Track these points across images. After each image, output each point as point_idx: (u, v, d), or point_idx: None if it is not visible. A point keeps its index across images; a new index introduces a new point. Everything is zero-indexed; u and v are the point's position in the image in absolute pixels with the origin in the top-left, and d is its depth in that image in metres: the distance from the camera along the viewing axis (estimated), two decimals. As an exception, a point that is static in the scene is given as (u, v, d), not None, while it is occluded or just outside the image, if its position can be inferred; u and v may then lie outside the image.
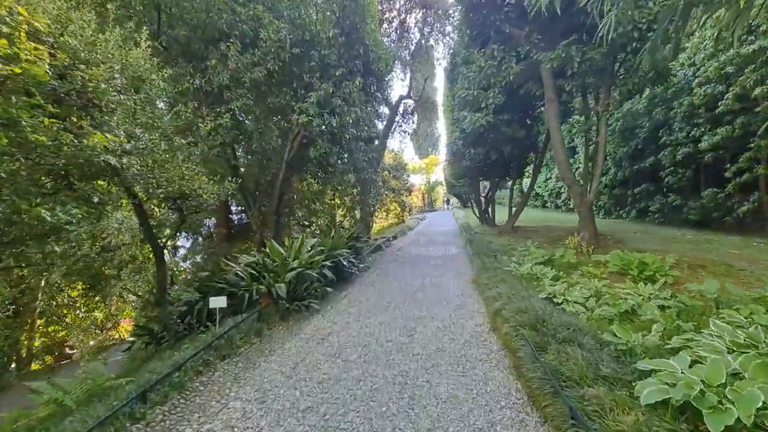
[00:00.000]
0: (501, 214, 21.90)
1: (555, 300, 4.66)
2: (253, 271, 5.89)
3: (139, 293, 10.90)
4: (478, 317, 5.41)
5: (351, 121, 9.05)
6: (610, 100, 8.56)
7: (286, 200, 17.37)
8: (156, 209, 10.73)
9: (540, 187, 32.93)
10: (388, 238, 15.40)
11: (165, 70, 8.40)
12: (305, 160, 10.61)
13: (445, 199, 64.43)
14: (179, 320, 5.77)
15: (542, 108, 13.46)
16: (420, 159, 55.53)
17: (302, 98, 8.35)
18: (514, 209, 16.82)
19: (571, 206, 26.84)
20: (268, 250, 6.49)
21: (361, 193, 14.45)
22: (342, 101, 8.47)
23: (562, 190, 27.63)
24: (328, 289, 6.77)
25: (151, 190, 4.61)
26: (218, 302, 4.92)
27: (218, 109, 7.84)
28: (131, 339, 6.11)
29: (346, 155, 10.42)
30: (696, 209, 13.17)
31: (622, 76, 8.37)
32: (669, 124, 14.55)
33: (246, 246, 18.06)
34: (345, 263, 7.71)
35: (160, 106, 6.24)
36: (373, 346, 4.56)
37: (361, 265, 9.43)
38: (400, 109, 19.16)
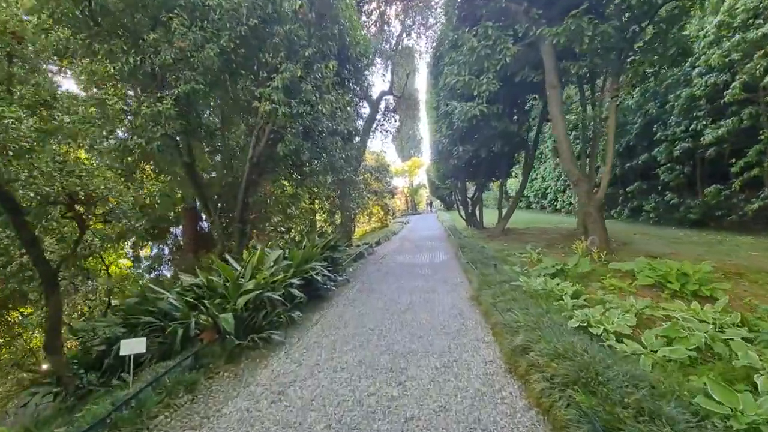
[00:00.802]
0: (488, 217, 20.98)
1: (592, 330, 3.52)
2: (190, 298, 4.51)
3: (69, 320, 9.22)
4: (486, 350, 4.20)
5: (325, 112, 7.77)
6: (620, 83, 7.59)
7: (254, 205, 15.90)
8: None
9: (526, 188, 32.38)
10: (370, 244, 14.14)
11: (95, 47, 7.02)
12: (275, 159, 9.26)
13: (429, 201, 63.80)
14: (94, 364, 4.33)
15: (534, 101, 12.54)
16: (402, 161, 54.70)
17: (266, 83, 7.03)
18: (504, 211, 15.87)
19: (558, 207, 26.28)
20: (217, 268, 5.12)
21: (340, 195, 13.15)
22: (313, 87, 7.18)
23: (549, 190, 27.03)
24: (297, 313, 5.44)
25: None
26: (132, 347, 3.53)
27: (159, 95, 6.43)
28: (35, 390, 4.61)
29: (321, 153, 9.11)
30: (695, 208, 12.46)
31: (632, 58, 7.40)
32: (663, 119, 13.90)
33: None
34: (319, 278, 6.40)
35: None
36: (350, 405, 3.27)
37: (340, 278, 8.13)
38: (382, 106, 18.00)
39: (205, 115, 9.47)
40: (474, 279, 7.04)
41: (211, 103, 8.57)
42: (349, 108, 11.18)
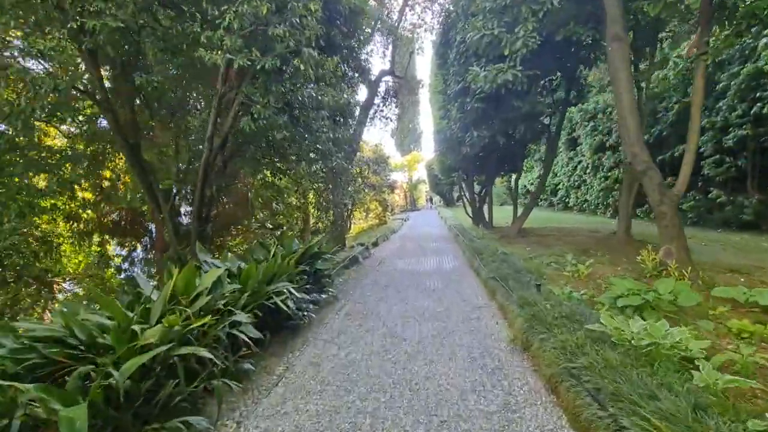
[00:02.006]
0: (496, 214, 19.05)
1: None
2: (33, 360, 2.52)
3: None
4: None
5: (306, 70, 5.77)
6: (709, 37, 5.60)
7: (232, 199, 13.93)
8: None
9: (532, 183, 30.44)
10: (367, 245, 12.18)
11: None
12: (247, 138, 7.27)
13: (428, 197, 62.05)
14: None
15: (582, 67, 10.45)
16: (402, 156, 52.79)
17: (216, 24, 5.00)
18: (517, 209, 13.94)
19: (570, 204, 24.34)
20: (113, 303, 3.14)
21: (331, 188, 11.16)
22: (287, 33, 5.15)
23: (560, 186, 25.06)
24: (248, 365, 3.50)
25: None
26: None
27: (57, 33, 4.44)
28: None
29: (302, 132, 7.11)
30: (750, 207, 10.57)
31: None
32: (706, 105, 11.97)
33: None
34: (290, 305, 4.42)
35: None
36: None
37: (324, 296, 6.17)
38: (381, 89, 15.96)
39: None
40: (506, 303, 5.08)
41: (150, 56, 6.52)
42: (340, 81, 9.19)
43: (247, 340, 3.31)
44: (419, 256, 10.95)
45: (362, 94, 15.10)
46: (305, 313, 4.93)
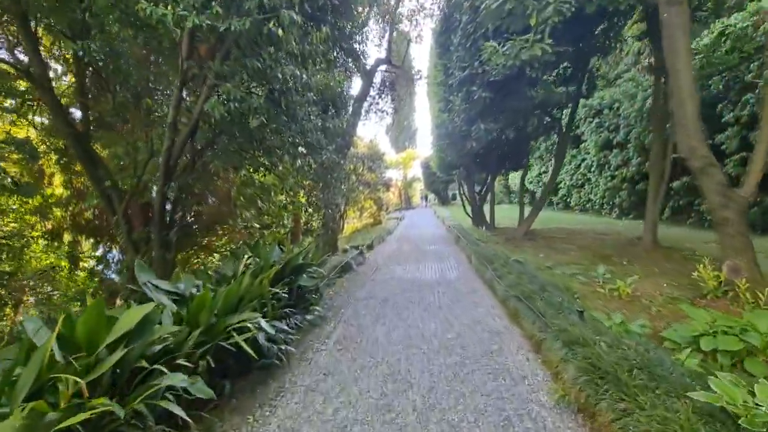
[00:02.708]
0: (497, 214, 18.07)
1: None
2: None
3: None
4: None
5: (287, 42, 4.68)
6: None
7: (217, 197, 12.79)
8: None
9: (531, 181, 29.54)
10: (361, 249, 11.10)
11: None
12: (220, 127, 6.14)
13: (423, 195, 61.16)
14: None
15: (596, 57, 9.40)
16: (397, 153, 51.80)
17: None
18: (526, 210, 12.96)
19: (571, 204, 23.44)
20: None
21: (321, 186, 10.01)
22: (260, -10, 4.03)
23: (561, 185, 24.13)
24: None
25: None
26: None
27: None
28: None
29: (285, 118, 5.99)
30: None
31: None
32: (730, 98, 11.06)
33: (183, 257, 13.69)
34: (261, 340, 3.34)
35: None
36: None
37: (310, 317, 5.10)
38: (377, 80, 14.86)
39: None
40: (536, 332, 4.05)
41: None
42: (332, 66, 8.09)
43: (181, 414, 2.21)
44: (419, 261, 9.90)
45: (356, 87, 14.00)
46: (284, 347, 3.84)
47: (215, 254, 20.21)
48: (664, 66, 9.08)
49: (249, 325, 3.03)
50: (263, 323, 3.22)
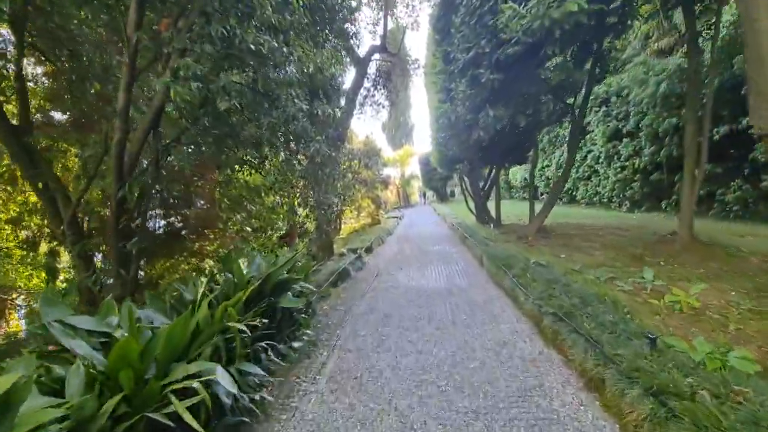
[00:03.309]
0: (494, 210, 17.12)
1: None
2: None
3: None
4: None
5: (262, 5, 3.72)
6: None
7: (206, 199, 11.93)
8: None
9: (533, 176, 28.56)
10: (359, 253, 10.15)
11: None
12: (191, 114, 5.16)
13: (422, 193, 60.28)
14: None
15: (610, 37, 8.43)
16: (393, 150, 50.85)
17: None
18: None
19: (577, 198, 22.48)
20: None
21: (312, 184, 8.97)
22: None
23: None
24: None
25: None
26: None
27: None
28: None
29: (267, 106, 5.02)
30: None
31: None
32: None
33: (160, 268, 12.79)
34: (223, 396, 2.39)
35: None
36: None
37: (298, 344, 4.14)
38: (371, 69, 13.89)
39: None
40: (593, 368, 3.09)
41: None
42: (321, 47, 7.15)
43: None
44: (423, 264, 8.95)
45: (349, 80, 13.00)
46: (257, 396, 2.88)
47: (209, 259, 19.17)
48: (696, 39, 8.20)
49: (195, 385, 2.07)
50: (221, 377, 2.25)
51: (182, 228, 16.92)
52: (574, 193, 22.74)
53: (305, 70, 5.44)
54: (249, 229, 13.19)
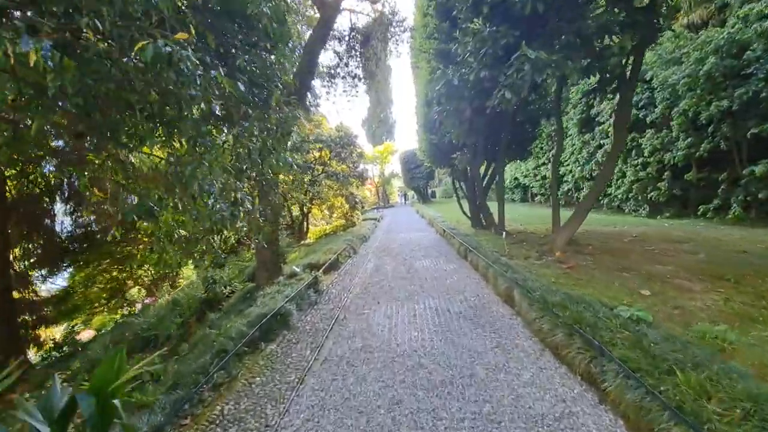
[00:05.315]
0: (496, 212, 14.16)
1: None
2: None
3: None
4: None
5: None
6: None
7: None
8: None
9: (526, 175, 26.03)
10: (316, 275, 6.84)
11: None
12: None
13: (402, 193, 57.60)
14: None
15: None
16: (374, 147, 47.75)
17: None
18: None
19: (581, 200, 19.88)
20: None
21: (251, 169, 5.53)
22: None
23: (566, 179, 20.51)
24: None
25: None
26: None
27: None
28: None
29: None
30: None
31: None
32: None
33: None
34: None
35: None
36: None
37: None
38: (344, 26, 10.66)
39: None
40: None
41: None
42: None
43: None
44: (412, 297, 5.75)
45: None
46: None
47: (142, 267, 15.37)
48: None
49: None
50: None
51: (99, 231, 13.14)
52: (576, 196, 20.13)
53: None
54: (193, 237, 9.75)
